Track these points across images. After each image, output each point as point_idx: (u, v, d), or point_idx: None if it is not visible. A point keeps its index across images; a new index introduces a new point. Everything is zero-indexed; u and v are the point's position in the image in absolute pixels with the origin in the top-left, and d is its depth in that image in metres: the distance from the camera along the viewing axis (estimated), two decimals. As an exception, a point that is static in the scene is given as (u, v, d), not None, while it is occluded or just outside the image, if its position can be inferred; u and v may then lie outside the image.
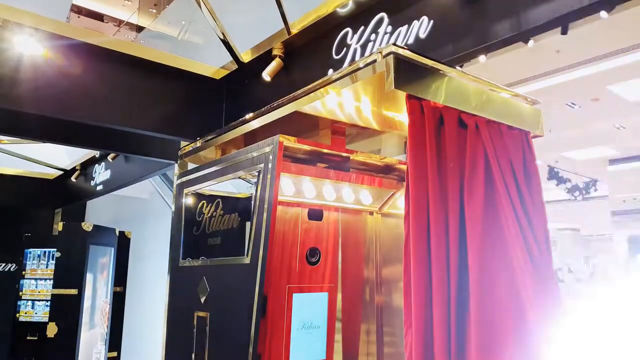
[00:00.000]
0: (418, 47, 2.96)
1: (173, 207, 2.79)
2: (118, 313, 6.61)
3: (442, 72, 1.80)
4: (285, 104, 2.16)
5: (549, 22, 2.44)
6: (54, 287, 6.14)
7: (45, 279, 7.10)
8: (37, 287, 7.17)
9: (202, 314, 2.27)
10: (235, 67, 4.51)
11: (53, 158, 8.28)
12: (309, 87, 2.04)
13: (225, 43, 4.22)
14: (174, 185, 2.82)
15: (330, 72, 3.56)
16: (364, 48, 3.36)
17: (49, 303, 6.38)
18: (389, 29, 3.20)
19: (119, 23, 16.66)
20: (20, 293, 7.15)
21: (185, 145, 2.92)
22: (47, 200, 8.87)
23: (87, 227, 6.30)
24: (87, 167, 7.82)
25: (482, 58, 2.88)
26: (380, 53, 1.71)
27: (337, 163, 2.35)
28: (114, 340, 6.52)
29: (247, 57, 4.40)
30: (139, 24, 14.62)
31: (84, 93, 3.98)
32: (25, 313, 7.10)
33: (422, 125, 1.67)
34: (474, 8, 2.74)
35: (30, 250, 7.27)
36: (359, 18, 3.44)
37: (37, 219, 8.92)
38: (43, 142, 6.38)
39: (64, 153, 8.43)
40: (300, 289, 2.30)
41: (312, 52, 3.90)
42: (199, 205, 2.58)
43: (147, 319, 7.48)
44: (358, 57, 3.40)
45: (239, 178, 2.27)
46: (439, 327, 1.55)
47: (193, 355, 2.29)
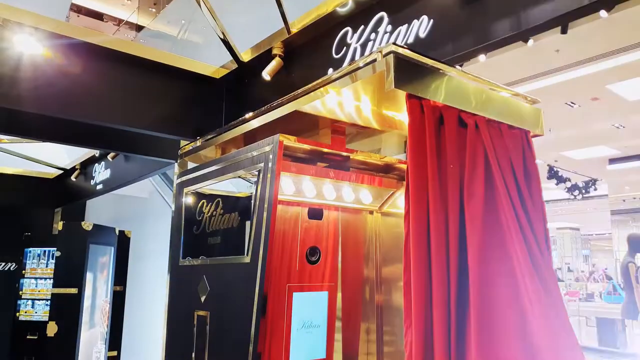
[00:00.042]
0: (418, 46, 2.96)
1: (173, 206, 2.79)
2: (118, 312, 6.62)
3: (442, 71, 1.80)
4: (285, 104, 2.16)
5: (549, 21, 2.44)
6: (54, 286, 6.15)
7: (45, 278, 7.11)
8: (37, 286, 7.17)
9: (202, 313, 2.27)
10: (235, 66, 4.51)
11: (53, 157, 8.28)
12: (309, 86, 2.04)
13: (225, 42, 4.21)
14: (174, 185, 2.82)
15: (330, 71, 3.56)
16: (364, 47, 3.36)
17: (49, 302, 6.38)
18: (389, 28, 3.20)
19: (119, 22, 16.67)
20: (20, 292, 7.16)
21: (185, 145, 2.93)
22: (47, 200, 8.87)
23: (87, 226, 6.31)
24: (87, 166, 7.82)
25: (482, 57, 2.88)
26: (380, 52, 1.72)
27: (337, 162, 2.35)
28: (114, 340, 6.53)
29: (247, 56, 4.40)
30: (139, 23, 14.63)
31: (84, 92, 3.98)
32: (25, 312, 7.10)
33: (422, 125, 1.68)
34: (474, 7, 2.75)
35: (30, 250, 7.28)
36: (359, 17, 3.44)
37: (37, 218, 8.93)
38: (43, 141, 6.38)
39: (64, 152, 8.43)
40: (301, 288, 2.31)
41: (312, 51, 3.90)
42: (199, 205, 2.58)
43: (147, 318, 7.49)
44: (358, 56, 3.40)
45: (239, 177, 2.27)
46: (439, 326, 1.56)
47: (193, 355, 2.29)
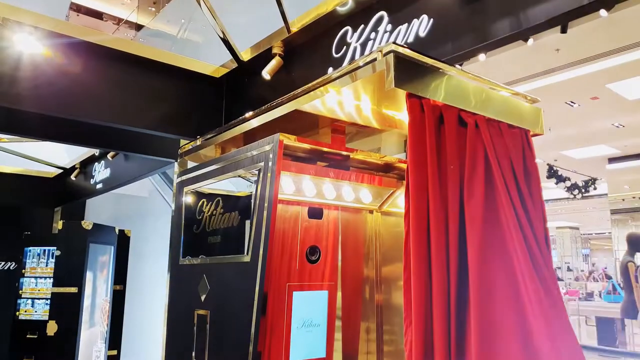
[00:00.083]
0: (418, 45, 2.96)
1: (173, 205, 2.80)
2: (118, 311, 6.63)
3: (442, 70, 1.80)
4: (285, 103, 2.16)
5: (549, 20, 2.44)
6: (54, 285, 6.15)
7: (45, 277, 7.11)
8: (37, 285, 7.17)
9: (202, 312, 2.27)
10: (235, 65, 4.51)
11: (52, 156, 8.28)
12: (309, 85, 2.04)
13: (225, 41, 4.21)
14: (174, 184, 2.82)
15: (330, 70, 3.56)
16: (364, 46, 3.36)
17: (49, 301, 6.39)
18: (389, 28, 3.20)
19: (118, 21, 16.65)
20: (20, 291, 7.16)
21: (185, 144, 2.93)
22: (46, 199, 8.87)
23: (87, 225, 6.31)
24: (86, 165, 7.82)
25: (481, 56, 2.88)
26: (381, 51, 1.72)
27: (337, 161, 2.35)
28: (114, 339, 6.54)
29: (247, 55, 4.40)
30: (138, 22, 14.60)
31: (84, 91, 3.98)
32: (25, 311, 7.10)
33: (422, 124, 1.68)
34: (474, 6, 2.74)
35: (30, 249, 7.28)
36: (359, 16, 3.44)
37: (36, 218, 8.93)
38: (42, 140, 6.38)
39: (64, 151, 8.43)
40: (301, 287, 2.31)
41: (312, 50, 3.89)
42: (199, 204, 2.58)
43: (146, 317, 7.49)
44: (358, 55, 3.40)
45: (239, 177, 2.27)
46: (439, 324, 1.56)
47: (193, 354, 2.29)
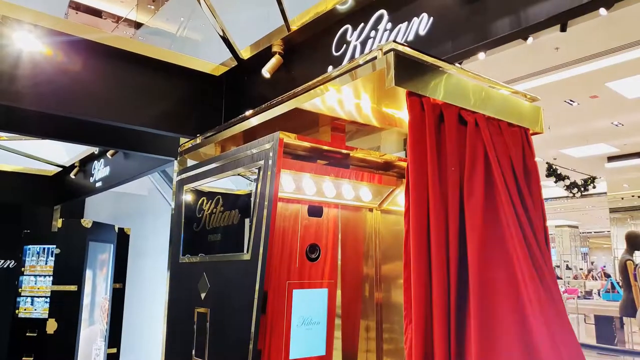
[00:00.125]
0: (418, 44, 2.96)
1: (173, 203, 2.80)
2: (117, 309, 6.64)
3: (442, 69, 1.80)
4: (285, 101, 2.16)
5: (549, 19, 2.44)
6: (54, 283, 6.16)
7: (45, 276, 7.11)
8: (36, 283, 7.18)
9: (202, 310, 2.28)
10: (235, 63, 4.51)
11: (52, 155, 8.28)
12: (309, 84, 2.04)
13: (225, 40, 4.21)
14: (174, 182, 2.82)
15: (330, 69, 3.56)
16: (364, 45, 3.36)
17: (49, 299, 6.39)
18: (389, 26, 3.20)
19: (117, 19, 16.62)
20: (20, 290, 7.16)
21: (185, 142, 2.92)
22: (46, 197, 8.87)
23: (86, 223, 6.31)
24: (86, 163, 7.82)
25: (481, 55, 2.88)
26: (381, 50, 1.72)
27: (337, 160, 2.35)
28: (114, 337, 6.55)
29: (246, 53, 4.40)
30: (137, 21, 14.58)
31: (83, 89, 3.97)
32: (25, 309, 7.11)
33: (422, 122, 1.68)
34: (474, 5, 2.75)
35: (30, 247, 7.28)
36: (359, 15, 3.44)
37: (36, 216, 8.93)
38: (42, 138, 6.38)
39: (63, 150, 8.42)
40: (300, 285, 2.31)
41: (311, 49, 3.89)
42: (199, 202, 2.58)
43: (146, 316, 7.50)
44: (358, 54, 3.40)
45: (239, 175, 2.27)
46: (439, 323, 1.56)
47: (193, 352, 2.29)
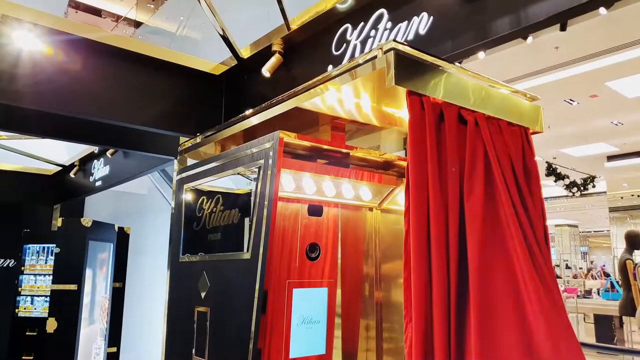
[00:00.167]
0: (418, 43, 2.96)
1: (173, 202, 2.80)
2: (117, 309, 6.64)
3: (442, 68, 1.80)
4: (285, 100, 2.16)
5: (548, 18, 2.44)
6: (54, 282, 6.16)
7: (45, 275, 7.11)
8: (36, 282, 7.18)
9: (202, 309, 2.28)
10: (235, 62, 4.51)
11: (52, 154, 8.27)
12: (309, 83, 2.04)
13: (225, 39, 4.21)
14: (174, 181, 2.82)
15: (330, 68, 3.56)
16: (364, 44, 3.36)
17: (49, 299, 6.39)
18: (389, 25, 3.20)
19: (117, 18, 16.60)
20: (20, 289, 7.16)
21: (185, 141, 2.92)
22: (46, 196, 8.87)
23: (86, 222, 6.31)
24: (85, 162, 7.82)
25: (481, 54, 2.88)
26: (381, 49, 1.72)
27: (337, 159, 2.35)
28: (114, 336, 6.55)
29: (246, 52, 4.40)
30: (137, 20, 14.56)
31: (83, 88, 3.97)
32: (25, 309, 7.11)
33: (422, 121, 1.68)
34: (474, 4, 2.75)
35: (29, 246, 7.28)
36: (359, 14, 3.44)
37: (36, 215, 8.93)
38: (42, 137, 6.37)
39: (63, 149, 8.42)
40: (300, 284, 2.31)
41: (311, 48, 3.89)
42: (199, 201, 2.58)
43: (146, 315, 7.51)
44: (358, 53, 3.40)
45: (239, 174, 2.27)
46: (439, 322, 1.56)
47: (193, 351, 2.30)
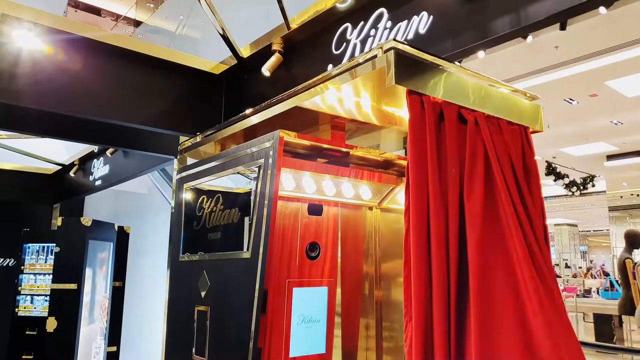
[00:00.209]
0: (418, 42, 2.96)
1: (172, 202, 2.80)
2: (117, 308, 6.64)
3: (441, 67, 1.80)
4: (285, 100, 2.16)
5: (548, 18, 2.44)
6: (53, 282, 6.16)
7: (44, 274, 7.11)
8: (36, 282, 7.18)
9: (202, 308, 2.28)
10: (235, 62, 4.50)
11: (51, 153, 8.27)
12: (309, 82, 2.04)
13: (225, 38, 4.21)
14: (174, 180, 2.82)
15: (330, 67, 3.56)
16: (364, 43, 3.36)
17: (48, 298, 6.40)
18: (389, 24, 3.20)
19: (117, 17, 16.60)
20: (19, 288, 7.16)
21: (185, 141, 2.92)
22: (45, 195, 8.86)
23: (86, 222, 6.31)
24: (85, 162, 7.81)
25: (481, 54, 2.88)
26: (381, 48, 1.72)
27: (336, 158, 2.35)
28: (114, 335, 6.55)
29: (246, 52, 4.40)
30: (137, 19, 14.55)
31: (83, 87, 3.97)
32: (24, 308, 7.11)
33: (422, 121, 1.68)
34: (474, 4, 2.75)
35: (29, 245, 7.28)
36: (359, 13, 3.44)
37: (35, 214, 8.92)
38: (41, 136, 6.37)
39: (62, 148, 8.41)
40: (300, 284, 2.32)
41: (311, 47, 3.89)
42: (199, 200, 2.59)
43: (146, 314, 7.51)
44: (358, 52, 3.40)
45: (239, 173, 2.27)
46: (439, 321, 1.57)
47: (193, 350, 2.30)
